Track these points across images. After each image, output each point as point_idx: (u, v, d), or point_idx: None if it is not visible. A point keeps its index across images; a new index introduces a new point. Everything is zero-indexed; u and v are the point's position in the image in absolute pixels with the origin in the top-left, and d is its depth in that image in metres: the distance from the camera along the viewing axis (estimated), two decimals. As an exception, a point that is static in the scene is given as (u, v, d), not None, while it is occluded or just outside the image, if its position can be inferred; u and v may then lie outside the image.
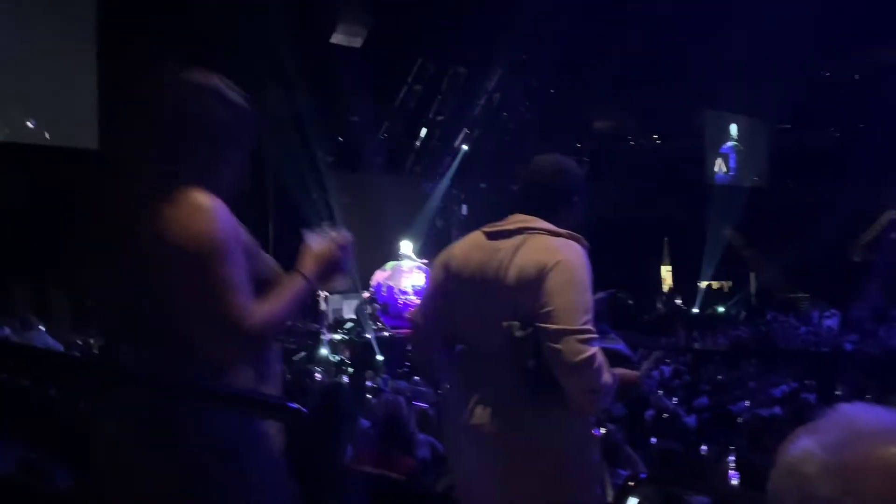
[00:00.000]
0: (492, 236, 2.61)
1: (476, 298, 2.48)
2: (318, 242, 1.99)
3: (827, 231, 20.50)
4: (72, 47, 13.52)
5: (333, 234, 2.00)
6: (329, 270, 1.99)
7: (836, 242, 21.67)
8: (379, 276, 18.50)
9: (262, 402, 2.13)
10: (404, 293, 18.38)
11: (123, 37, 14.00)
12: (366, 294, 18.75)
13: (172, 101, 1.82)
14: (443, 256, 2.72)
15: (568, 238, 2.38)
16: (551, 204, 2.50)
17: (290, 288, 1.89)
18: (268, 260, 1.99)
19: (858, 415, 0.88)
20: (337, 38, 19.13)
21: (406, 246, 19.46)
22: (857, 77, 24.04)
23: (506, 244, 2.56)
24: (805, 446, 0.86)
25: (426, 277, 19.22)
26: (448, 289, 2.56)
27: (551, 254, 2.34)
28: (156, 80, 1.83)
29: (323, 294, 19.15)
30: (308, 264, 1.95)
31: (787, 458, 0.87)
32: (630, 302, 24.11)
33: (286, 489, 1.76)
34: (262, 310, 1.72)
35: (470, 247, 2.63)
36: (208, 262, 1.67)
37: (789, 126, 25.03)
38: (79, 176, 1.79)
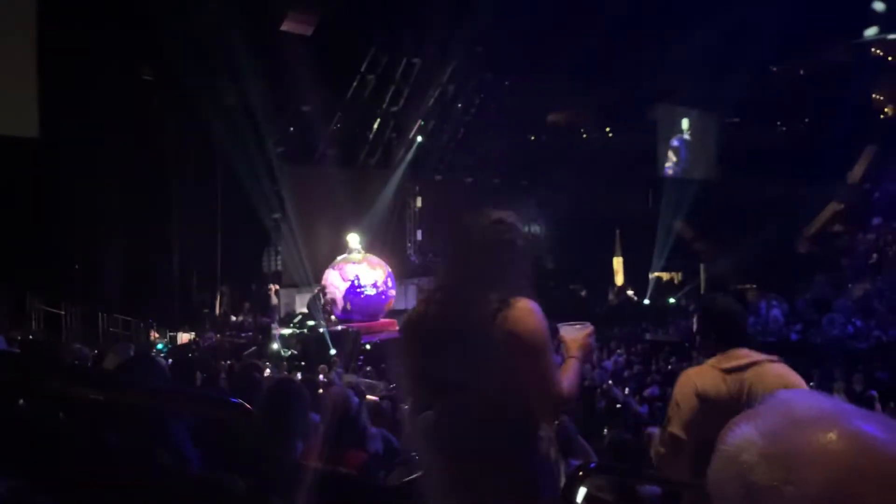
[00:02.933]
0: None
1: None
2: (573, 333, 2.49)
3: (774, 223, 21.13)
4: (10, 35, 13.05)
5: (580, 327, 2.51)
6: (587, 352, 2.50)
7: (782, 235, 22.32)
8: (331, 272, 18.43)
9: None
10: (361, 287, 18.34)
11: (65, 24, 13.64)
12: (318, 288, 18.76)
13: (499, 238, 2.38)
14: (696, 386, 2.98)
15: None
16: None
17: (573, 368, 2.40)
18: None
19: (797, 401, 0.87)
20: (287, 26, 18.87)
21: (353, 239, 19.23)
22: (802, 73, 24.77)
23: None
24: (744, 433, 0.86)
25: (383, 272, 19.04)
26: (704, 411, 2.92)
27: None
28: (480, 223, 2.37)
29: (273, 287, 19.04)
30: (575, 351, 2.45)
31: (726, 446, 0.86)
32: (583, 294, 24.45)
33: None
34: (567, 385, 2.28)
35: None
36: (542, 352, 2.23)
37: (738, 120, 25.67)
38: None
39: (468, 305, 2.28)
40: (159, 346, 15.51)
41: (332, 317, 18.57)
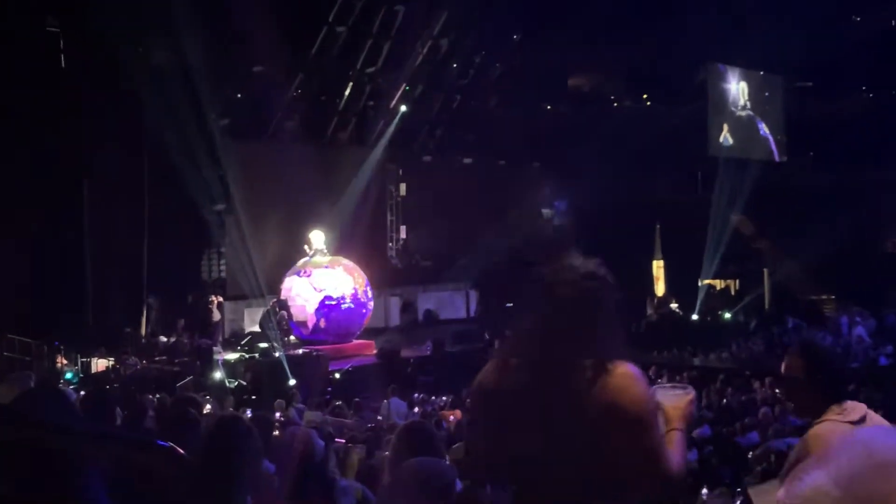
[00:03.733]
0: None
1: None
2: (672, 399, 2.63)
3: (858, 217, 21.17)
4: None
5: (680, 391, 2.67)
6: (690, 422, 2.65)
7: (866, 231, 22.41)
8: (295, 280, 18.40)
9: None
10: (339, 298, 18.43)
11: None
12: (273, 300, 18.77)
13: (592, 296, 2.52)
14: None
15: None
16: None
17: (678, 442, 2.57)
18: None
19: (878, 442, 0.87)
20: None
21: (317, 237, 19.41)
22: (895, 24, 24.79)
23: None
24: (817, 482, 0.86)
25: (361, 281, 19.18)
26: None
27: None
28: (566, 277, 2.51)
29: (215, 299, 19.06)
30: (678, 421, 2.60)
31: (795, 497, 0.86)
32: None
33: None
34: (676, 462, 2.44)
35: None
36: (649, 425, 2.37)
37: (810, 85, 25.77)
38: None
39: (559, 372, 2.43)
40: (68, 374, 15.47)
41: (291, 337, 18.60)
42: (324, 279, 18.56)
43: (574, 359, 2.43)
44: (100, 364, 16.37)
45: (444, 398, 13.97)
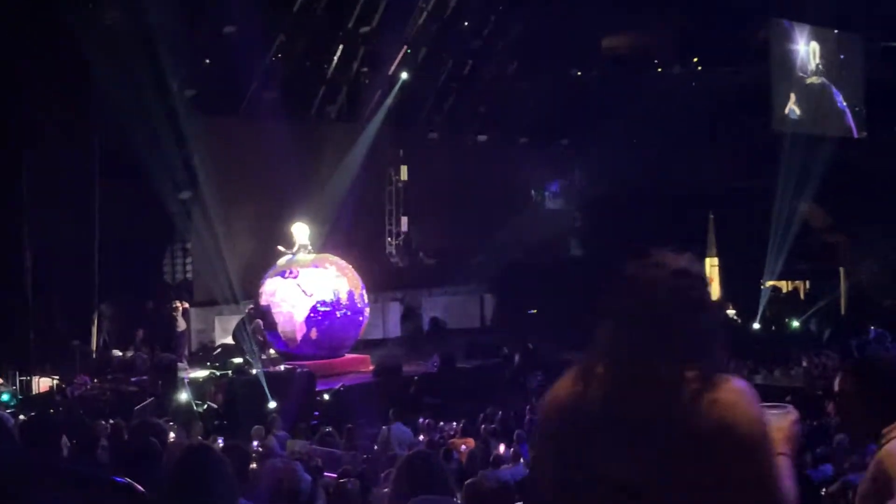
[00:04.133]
0: None
1: None
2: (775, 419, 2.69)
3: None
4: None
5: (780, 411, 2.74)
6: (796, 444, 2.72)
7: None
8: (280, 283, 18.33)
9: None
10: (335, 304, 18.46)
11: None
12: (249, 306, 18.77)
13: (688, 295, 2.54)
14: None
15: None
16: None
17: (786, 467, 2.61)
18: None
19: None
20: None
21: (300, 231, 19.46)
22: None
23: None
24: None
25: (356, 283, 19.31)
26: None
27: None
28: (657, 274, 2.54)
29: (180, 305, 19.09)
30: (781, 445, 2.65)
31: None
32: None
33: None
34: (789, 489, 2.47)
35: None
36: (763, 448, 2.40)
37: (896, 45, 25.69)
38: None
39: (656, 386, 2.44)
40: (4, 396, 15.51)
41: (271, 350, 18.62)
42: (314, 281, 18.58)
43: (675, 370, 2.44)
44: (42, 384, 16.40)
45: (454, 424, 13.99)
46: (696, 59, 27.36)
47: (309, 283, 18.54)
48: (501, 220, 24.50)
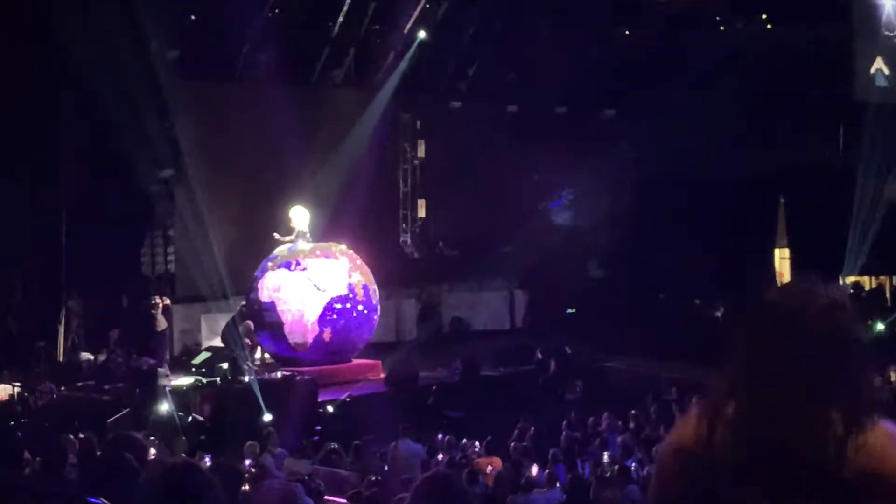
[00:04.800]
0: None
1: None
2: None
3: None
4: None
5: None
6: None
7: None
8: (285, 276, 18.25)
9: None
10: (352, 298, 18.47)
11: None
12: (241, 303, 18.86)
13: (842, 329, 2.60)
14: None
15: None
16: None
17: None
18: None
19: None
20: None
21: (299, 215, 19.40)
22: None
23: None
24: None
25: (369, 276, 19.30)
26: None
27: None
28: (810, 303, 2.58)
29: (160, 302, 19.07)
30: None
31: None
32: (718, 314, 24.28)
33: None
34: None
35: None
36: None
37: None
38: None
39: (797, 427, 2.50)
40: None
41: (265, 355, 18.63)
42: (325, 273, 18.55)
43: (820, 410, 2.48)
44: (2, 392, 16.49)
45: (478, 443, 13.97)
46: (763, 16, 27.14)
47: (320, 276, 18.53)
48: (534, 203, 24.46)
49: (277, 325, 18.39)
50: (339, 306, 18.55)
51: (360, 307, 18.85)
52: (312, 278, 18.49)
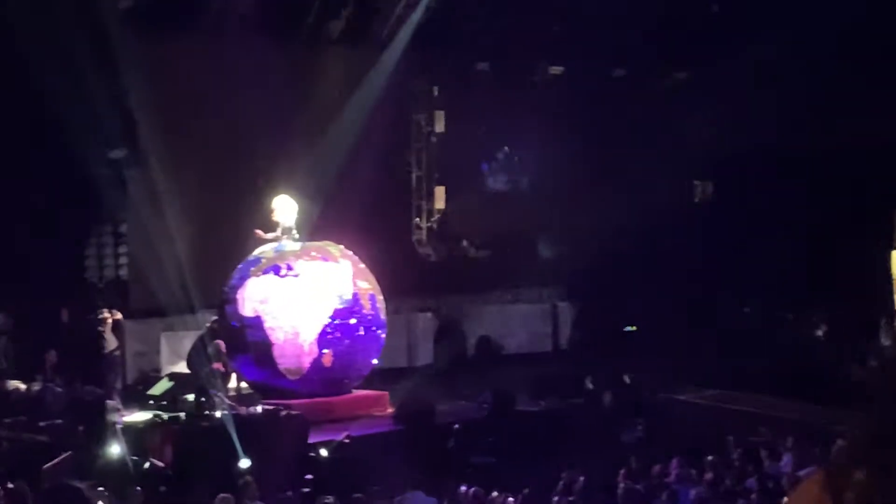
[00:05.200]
0: None
1: None
2: None
3: None
4: None
5: None
6: None
7: None
8: (266, 284, 18.11)
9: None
10: (358, 313, 18.36)
11: None
12: (212, 318, 18.80)
13: None
14: None
15: None
16: None
17: None
18: None
19: None
20: None
21: (285, 207, 19.43)
22: None
23: None
24: None
25: (374, 283, 19.24)
26: None
27: None
28: None
29: (109, 317, 18.93)
30: None
31: None
32: (819, 334, 24.07)
33: None
34: None
35: None
36: None
37: None
38: None
39: None
40: None
41: (242, 384, 18.57)
42: (323, 280, 18.46)
43: None
44: None
45: (511, 498, 13.94)
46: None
47: (319, 283, 18.44)
48: (583, 190, 24.38)
49: (264, 347, 18.30)
50: (341, 322, 18.46)
51: (370, 323, 18.85)
52: (308, 287, 18.38)
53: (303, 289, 18.42)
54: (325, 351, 18.35)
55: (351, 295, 18.69)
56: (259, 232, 19.06)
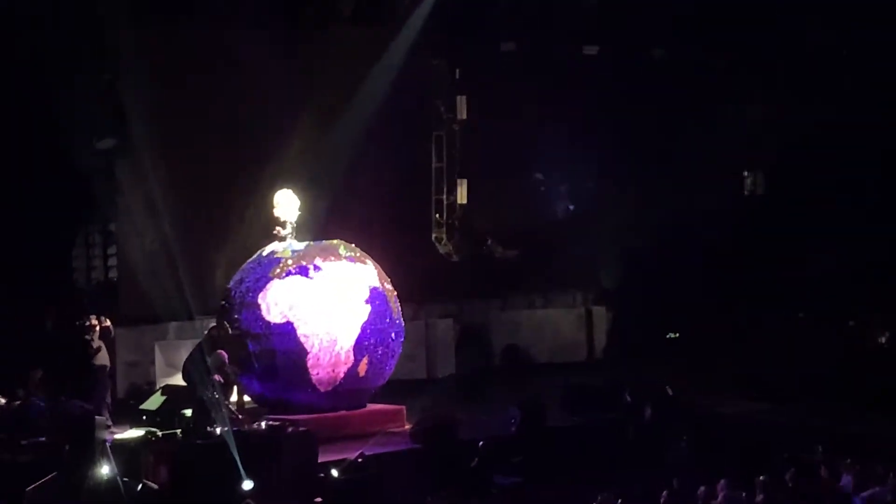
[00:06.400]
0: None
1: None
2: None
3: None
4: None
5: None
6: None
7: None
8: (291, 287, 18.04)
9: None
10: (388, 318, 18.38)
11: None
12: (211, 325, 18.65)
13: None
14: None
15: None
16: None
17: None
18: None
19: None
20: None
21: (285, 201, 19.29)
22: None
23: None
24: None
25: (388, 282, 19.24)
26: None
27: None
28: None
29: (97, 324, 18.88)
30: None
31: None
32: (882, 341, 23.93)
33: None
34: None
35: None
36: None
37: None
38: None
39: None
40: None
41: (243, 398, 18.54)
42: (352, 281, 18.57)
43: None
44: None
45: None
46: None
47: (350, 285, 18.49)
48: (621, 183, 24.35)
49: (296, 356, 18.20)
50: (375, 327, 18.47)
51: (398, 329, 18.95)
52: (341, 286, 18.30)
53: (336, 292, 18.37)
54: (361, 359, 18.33)
55: (382, 298, 18.69)
56: (279, 230, 18.94)
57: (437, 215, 25.29)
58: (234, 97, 20.52)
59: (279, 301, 18.18)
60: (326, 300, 18.15)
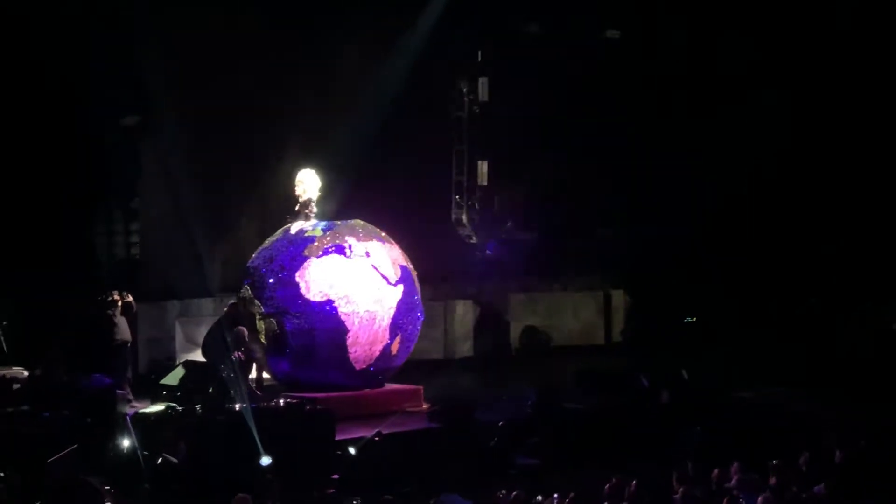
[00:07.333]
0: None
1: None
2: None
3: None
4: None
5: None
6: None
7: None
8: (329, 266, 17.96)
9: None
10: (412, 297, 18.67)
11: None
12: (237, 296, 18.77)
13: None
14: None
15: None
16: None
17: None
18: None
19: None
20: None
21: (308, 180, 19.19)
22: None
23: None
24: None
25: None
26: None
27: None
28: None
29: (119, 298, 18.86)
30: None
31: None
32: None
33: None
34: None
35: None
36: None
37: None
38: None
39: None
40: None
41: (262, 374, 18.58)
42: (385, 261, 18.72)
43: None
44: None
45: (555, 496, 13.95)
46: None
47: (384, 263, 18.65)
48: (642, 167, 24.31)
49: (337, 335, 18.35)
50: (406, 306, 18.70)
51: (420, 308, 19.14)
52: (380, 267, 18.42)
53: (374, 270, 18.52)
54: (395, 337, 18.54)
55: (410, 277, 18.90)
56: (307, 211, 18.91)
57: (457, 197, 25.30)
58: (257, 74, 20.53)
59: (318, 279, 18.32)
60: (366, 278, 18.35)
